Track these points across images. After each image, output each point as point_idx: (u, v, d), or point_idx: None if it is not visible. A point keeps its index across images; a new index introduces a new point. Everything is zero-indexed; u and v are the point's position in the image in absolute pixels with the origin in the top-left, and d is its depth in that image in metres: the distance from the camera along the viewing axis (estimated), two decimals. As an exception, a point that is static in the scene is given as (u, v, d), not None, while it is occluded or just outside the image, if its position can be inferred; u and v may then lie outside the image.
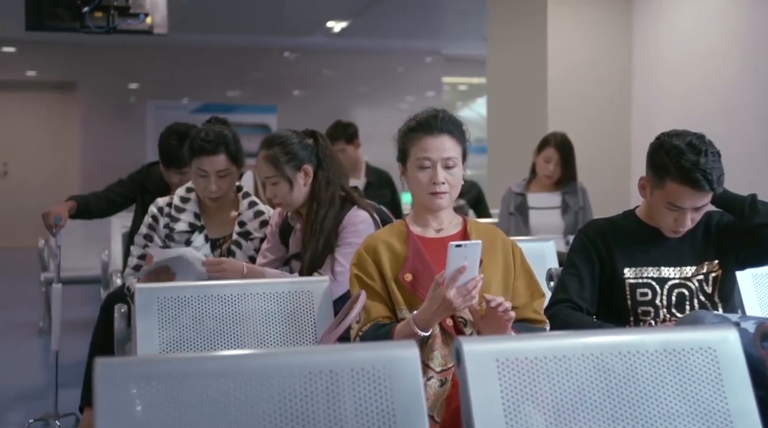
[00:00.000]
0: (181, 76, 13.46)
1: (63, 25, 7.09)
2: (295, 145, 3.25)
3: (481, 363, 1.74)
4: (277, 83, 13.99)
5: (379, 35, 12.65)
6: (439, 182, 2.62)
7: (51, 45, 12.41)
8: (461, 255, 2.37)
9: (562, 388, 1.77)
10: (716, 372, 1.84)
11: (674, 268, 2.83)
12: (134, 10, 7.18)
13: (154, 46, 13.03)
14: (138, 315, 2.64)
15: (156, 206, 3.49)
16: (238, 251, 3.43)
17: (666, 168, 2.69)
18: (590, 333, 2.15)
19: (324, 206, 3.22)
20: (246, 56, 13.73)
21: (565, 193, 5.16)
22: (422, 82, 14.80)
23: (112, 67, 13.13)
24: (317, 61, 14.09)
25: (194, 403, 1.61)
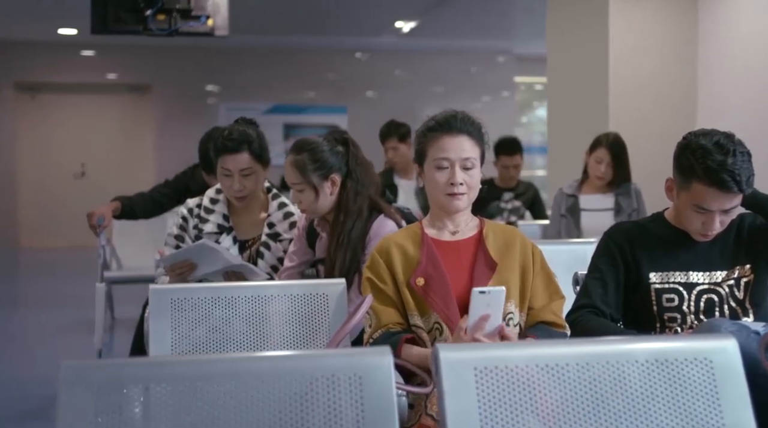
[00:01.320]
0: (256, 78, 13.58)
1: (126, 28, 7.21)
2: (325, 153, 3.20)
3: (459, 371, 1.69)
4: (349, 84, 14.02)
5: (449, 35, 12.56)
6: (457, 183, 2.58)
7: (127, 48, 12.66)
8: (484, 301, 2.35)
9: (545, 399, 1.70)
10: (712, 384, 1.75)
11: (703, 273, 2.71)
12: (196, 13, 7.27)
13: (229, 48, 13.18)
14: (151, 315, 2.64)
15: (186, 207, 3.50)
16: (266, 252, 3.42)
17: (692, 168, 2.59)
18: (575, 341, 2.07)
19: (351, 217, 3.17)
20: (320, 57, 13.78)
21: (618, 195, 5.03)
22: (496, 82, 14.66)
23: (186, 69, 13.33)
24: (388, 61, 14.07)
25: (156, 407, 1.59)
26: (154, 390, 1.61)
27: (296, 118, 13.47)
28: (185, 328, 2.65)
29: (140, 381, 1.63)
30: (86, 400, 1.57)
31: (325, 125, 12.90)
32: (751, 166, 2.58)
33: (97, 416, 1.58)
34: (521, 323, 2.60)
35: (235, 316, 2.70)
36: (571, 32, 7.30)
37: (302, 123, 13.31)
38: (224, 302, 2.71)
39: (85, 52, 13.31)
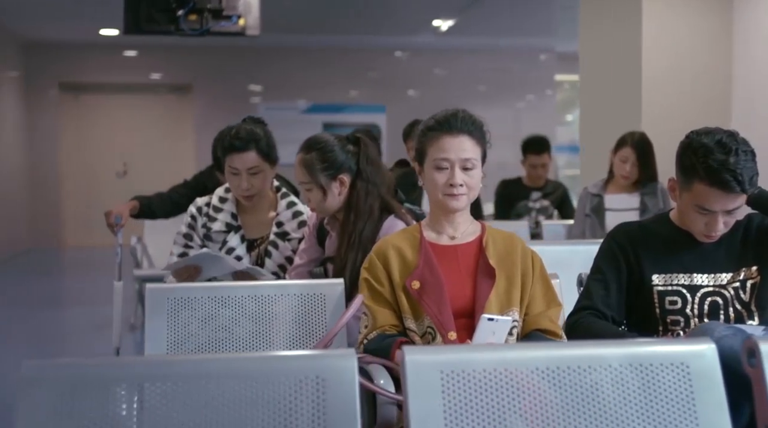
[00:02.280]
0: (295, 77, 13.62)
1: (159, 28, 7.27)
2: (334, 152, 3.17)
3: (424, 374, 1.66)
4: (388, 83, 13.99)
5: (488, 33, 12.48)
6: (456, 184, 2.54)
7: (169, 48, 12.78)
8: (490, 328, 2.36)
9: (512, 404, 1.67)
10: (688, 390, 1.70)
11: (708, 275, 2.64)
12: (227, 12, 7.31)
13: (269, 47, 13.24)
14: (147, 314, 2.65)
15: (195, 206, 3.51)
16: (274, 251, 3.41)
17: (693, 168, 2.53)
18: (545, 345, 2.02)
19: (362, 218, 3.13)
20: (359, 56, 13.78)
21: (643, 195, 4.94)
22: (538, 81, 14.54)
23: (226, 69, 13.41)
24: (428, 60, 14.02)
25: (114, 407, 1.58)
26: (113, 391, 1.61)
27: (335, 117, 13.49)
28: (181, 328, 2.65)
29: (100, 381, 1.62)
30: (43, 400, 1.57)
31: (363, 124, 12.89)
32: (755, 165, 2.51)
33: (55, 416, 1.58)
34: (518, 329, 2.56)
35: (233, 316, 2.70)
36: (604, 29, 7.20)
37: (341, 122, 13.31)
38: (221, 302, 2.70)
39: (128, 52, 13.46)
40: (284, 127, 9.18)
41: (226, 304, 2.70)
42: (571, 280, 2.99)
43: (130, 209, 4.37)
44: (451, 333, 2.46)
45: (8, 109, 12.62)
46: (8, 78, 12.73)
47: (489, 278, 2.54)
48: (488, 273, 2.55)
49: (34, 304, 9.03)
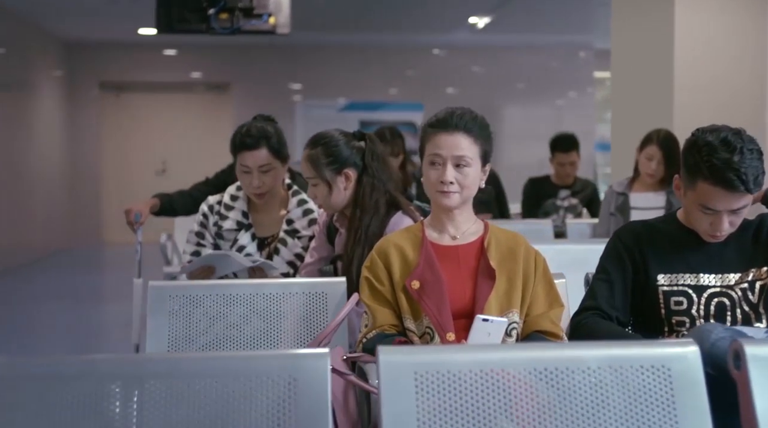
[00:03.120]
0: (333, 76, 13.65)
1: (190, 27, 7.33)
2: (339, 147, 3.18)
3: (398, 375, 1.65)
4: (426, 80, 13.96)
5: (525, 30, 12.40)
6: (447, 181, 2.52)
7: (208, 47, 12.87)
8: (485, 329, 2.34)
9: (486, 405, 1.64)
10: (668, 393, 1.67)
11: (715, 275, 2.59)
12: (258, 11, 7.34)
13: (308, 46, 13.28)
14: (149, 312, 2.66)
15: (207, 204, 3.52)
16: (283, 248, 3.41)
17: (697, 166, 2.48)
18: (520, 347, 1.99)
19: (368, 213, 3.13)
20: (397, 54, 13.76)
21: (669, 193, 4.86)
22: (577, 78, 14.41)
23: (265, 67, 13.48)
24: (465, 57, 13.96)
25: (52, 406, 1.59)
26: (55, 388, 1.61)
27: (372, 115, 13.49)
28: (183, 326, 2.66)
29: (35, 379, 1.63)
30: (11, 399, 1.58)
31: (401, 122, 12.88)
32: (761, 164, 2.46)
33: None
34: (519, 330, 2.53)
35: (234, 314, 2.71)
36: (636, 24, 7.11)
37: (378, 120, 13.30)
38: (223, 300, 2.71)
39: (167, 51, 13.58)
40: (321, 125, 9.20)
41: (227, 302, 2.70)
42: (580, 280, 2.95)
43: (150, 207, 4.39)
44: (449, 334, 2.44)
45: (51, 109, 12.81)
46: (51, 78, 12.92)
47: (489, 279, 2.51)
48: (489, 274, 2.52)
49: (73, 300, 9.16)
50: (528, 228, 5.27)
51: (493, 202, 5.83)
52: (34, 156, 11.98)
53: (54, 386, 1.62)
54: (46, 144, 12.48)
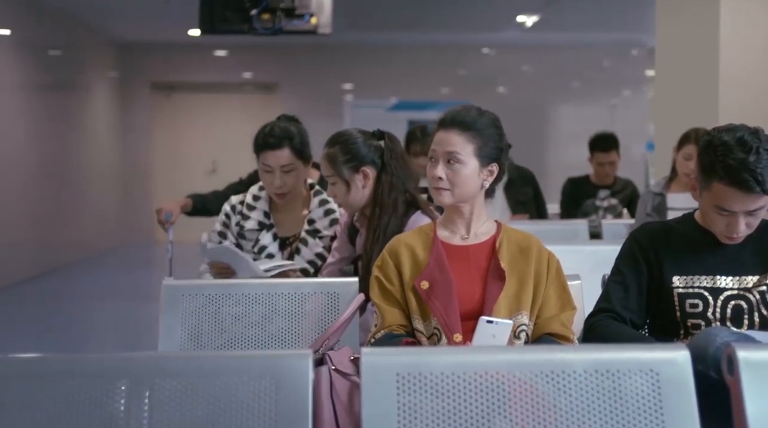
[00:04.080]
0: (382, 75, 13.66)
1: (232, 27, 7.39)
2: (357, 145, 3.18)
3: (380, 376, 1.64)
4: (475, 80, 13.89)
5: (575, 28, 12.26)
6: (435, 177, 2.51)
7: (257, 47, 12.97)
8: (489, 331, 2.33)
9: (470, 408, 1.63)
10: (656, 398, 1.63)
11: (732, 278, 2.53)
12: (300, 11, 7.37)
13: (356, 46, 13.32)
14: (162, 311, 2.68)
15: (229, 204, 3.54)
16: (303, 248, 3.41)
17: (713, 167, 2.43)
18: (504, 349, 1.96)
19: (387, 212, 3.13)
20: (446, 53, 13.72)
21: (707, 193, 4.76)
22: (631, 76, 14.23)
23: (313, 67, 13.53)
24: (515, 56, 13.86)
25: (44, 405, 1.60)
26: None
27: (421, 115, 13.46)
28: (195, 324, 2.67)
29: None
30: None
31: (448, 121, 12.80)
32: None
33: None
34: (529, 332, 2.50)
35: (246, 314, 2.71)
36: (681, 22, 7.00)
37: (426, 119, 13.27)
38: (235, 299, 2.72)
39: (218, 52, 13.72)
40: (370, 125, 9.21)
41: (240, 302, 2.71)
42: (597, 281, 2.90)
43: (182, 206, 4.44)
44: (456, 335, 2.41)
45: (103, 109, 13.02)
46: (105, 78, 13.13)
47: (499, 280, 2.48)
48: (499, 275, 2.49)
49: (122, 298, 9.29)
50: (564, 228, 5.21)
51: (530, 202, 5.77)
52: (87, 155, 12.18)
53: (45, 385, 1.64)
54: (98, 143, 12.69)
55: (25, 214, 9.88)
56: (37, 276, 10.06)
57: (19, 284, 9.47)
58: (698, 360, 2.14)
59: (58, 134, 11.05)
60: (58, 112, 11.10)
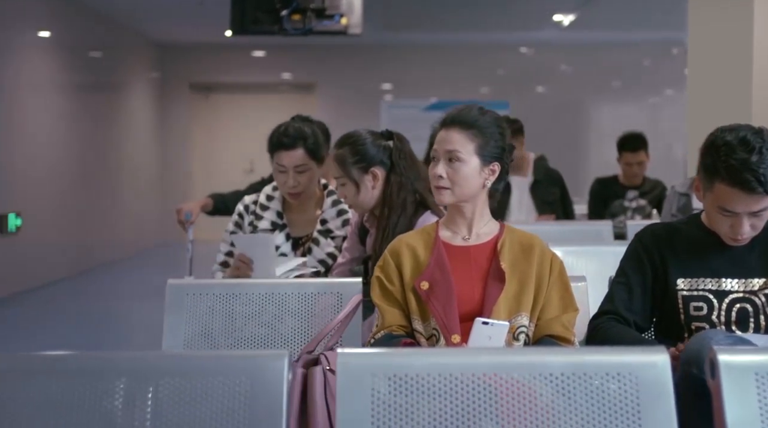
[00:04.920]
0: (418, 75, 13.64)
1: (263, 28, 7.44)
2: (366, 146, 3.19)
3: (356, 376, 1.64)
4: (512, 79, 13.82)
5: (614, 27, 12.14)
6: (435, 175, 2.50)
7: (294, 48, 13.01)
8: (485, 333, 2.31)
9: (444, 410, 1.62)
10: (634, 402, 1.61)
11: (738, 280, 2.49)
12: (330, 12, 7.40)
13: (393, 45, 13.31)
14: (167, 309, 2.70)
15: (243, 204, 3.56)
16: (315, 247, 3.42)
17: (715, 167, 2.39)
18: (481, 351, 1.94)
19: (395, 212, 3.13)
20: (483, 53, 13.66)
21: (733, 194, 4.69)
22: (672, 75, 14.05)
23: (350, 67, 13.57)
24: (553, 55, 13.76)
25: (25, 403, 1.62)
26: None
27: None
28: (199, 323, 2.69)
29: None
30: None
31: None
32: None
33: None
34: (530, 334, 2.48)
35: (250, 313, 2.72)
36: (714, 19, 6.90)
37: (463, 119, 13.22)
38: (239, 299, 2.73)
39: (256, 52, 13.80)
40: (407, 125, 9.22)
41: (244, 301, 2.73)
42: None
43: (201, 206, 4.47)
44: (454, 335, 2.40)
45: (143, 109, 13.17)
46: (144, 79, 13.28)
47: (499, 281, 2.47)
48: (499, 276, 2.48)
49: (158, 297, 9.35)
50: (588, 229, 5.17)
51: (557, 202, 5.73)
52: (126, 156, 12.33)
53: (33, 383, 1.66)
54: (137, 144, 12.83)
55: (64, 214, 10.02)
56: (75, 276, 10.20)
57: (57, 282, 9.61)
58: (693, 363, 2.12)
59: (97, 135, 11.20)
60: (97, 113, 11.24)
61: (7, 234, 8.50)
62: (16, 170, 8.77)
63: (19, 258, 8.76)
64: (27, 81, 9.19)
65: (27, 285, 8.93)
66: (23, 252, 8.81)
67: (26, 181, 8.99)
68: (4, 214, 8.43)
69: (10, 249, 8.59)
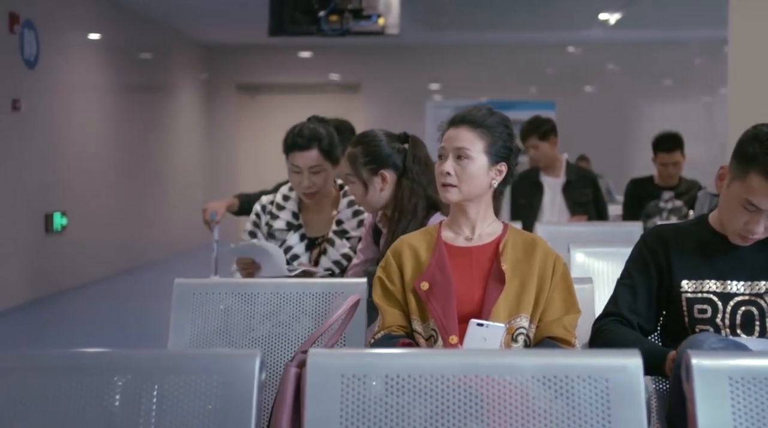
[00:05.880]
0: (463, 75, 13.61)
1: (301, 29, 7.49)
2: (379, 147, 3.18)
3: (325, 377, 1.64)
4: (558, 79, 13.72)
5: (662, 26, 11.98)
6: (444, 172, 2.50)
7: (340, 48, 13.07)
8: (480, 334, 2.29)
9: (412, 411, 1.61)
10: (605, 406, 1.59)
11: (744, 283, 2.44)
12: (367, 12, 7.42)
13: (439, 45, 13.31)
14: (173, 308, 2.73)
15: (260, 204, 3.58)
16: (330, 248, 3.43)
17: (754, 157, 2.34)
18: (451, 352, 1.92)
19: (406, 216, 3.12)
20: (533, 53, 13.57)
21: (767, 195, 4.60)
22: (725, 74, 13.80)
23: (395, 67, 13.59)
24: (601, 54, 13.63)
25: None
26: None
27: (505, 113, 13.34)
28: (204, 323, 2.71)
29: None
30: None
31: (531, 121, 12.67)
32: None
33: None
34: (531, 335, 2.46)
35: (255, 313, 2.73)
36: (755, 16, 6.78)
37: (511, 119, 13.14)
38: (244, 298, 2.74)
39: (302, 53, 13.88)
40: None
41: (249, 301, 2.74)
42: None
43: (227, 206, 4.50)
44: (452, 336, 2.39)
45: (190, 110, 13.33)
46: (192, 80, 13.44)
47: (500, 282, 2.45)
48: (499, 277, 2.46)
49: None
50: (619, 230, 5.12)
51: (590, 203, 5.68)
52: (174, 156, 12.49)
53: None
54: (185, 144, 12.99)
55: (110, 213, 10.18)
56: (119, 275, 10.34)
57: (101, 281, 9.75)
58: (680, 366, 2.09)
59: (145, 135, 11.37)
60: (145, 114, 11.41)
61: (52, 233, 8.65)
62: (63, 170, 8.94)
63: (64, 256, 8.92)
64: (76, 82, 9.36)
65: (71, 284, 9.08)
66: (68, 251, 8.97)
67: (73, 181, 9.15)
68: (49, 213, 8.58)
69: (56, 248, 8.75)
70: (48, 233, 8.59)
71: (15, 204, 7.99)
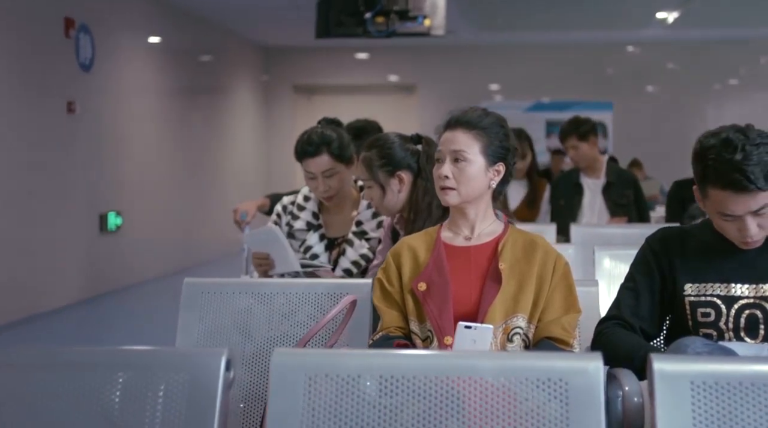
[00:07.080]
0: (520, 76, 13.51)
1: (347, 31, 7.51)
2: (393, 150, 3.20)
3: (289, 376, 1.66)
4: (616, 79, 13.52)
5: (722, 23, 11.72)
6: (442, 175, 2.50)
7: (396, 49, 13.09)
8: (469, 336, 2.30)
9: (372, 411, 1.63)
10: (563, 409, 1.59)
11: (748, 285, 2.40)
12: (413, 13, 7.42)
13: (493, 46, 13.24)
14: (182, 306, 2.78)
15: (281, 204, 3.62)
16: (349, 249, 3.45)
17: (704, 174, 2.33)
18: (410, 353, 1.91)
19: (421, 217, 3.14)
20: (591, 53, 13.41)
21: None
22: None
23: (450, 68, 13.54)
24: (660, 54, 13.39)
25: None
26: None
27: (559, 115, 13.22)
28: (212, 322, 2.76)
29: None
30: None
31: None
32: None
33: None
34: (529, 335, 2.45)
35: (262, 312, 2.77)
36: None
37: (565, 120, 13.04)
38: (252, 298, 2.78)
39: (358, 54, 13.94)
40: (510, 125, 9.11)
41: (256, 300, 2.78)
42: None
43: (258, 206, 4.55)
44: (447, 337, 2.40)
45: (248, 111, 13.48)
46: (250, 81, 13.59)
47: (496, 282, 2.45)
48: (497, 277, 2.46)
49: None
50: (651, 231, 5.02)
51: (631, 205, 5.60)
52: (232, 156, 12.64)
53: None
54: (242, 145, 13.14)
55: (165, 213, 10.34)
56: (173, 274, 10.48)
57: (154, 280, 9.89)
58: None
59: (202, 136, 11.53)
60: (203, 115, 11.57)
61: (107, 233, 8.83)
62: (118, 171, 9.11)
63: (118, 256, 9.08)
64: (132, 84, 9.54)
65: (125, 283, 9.25)
66: (122, 251, 9.13)
67: (127, 182, 9.32)
68: (104, 213, 8.76)
69: (110, 248, 8.92)
70: (102, 232, 8.77)
71: (70, 204, 8.17)
